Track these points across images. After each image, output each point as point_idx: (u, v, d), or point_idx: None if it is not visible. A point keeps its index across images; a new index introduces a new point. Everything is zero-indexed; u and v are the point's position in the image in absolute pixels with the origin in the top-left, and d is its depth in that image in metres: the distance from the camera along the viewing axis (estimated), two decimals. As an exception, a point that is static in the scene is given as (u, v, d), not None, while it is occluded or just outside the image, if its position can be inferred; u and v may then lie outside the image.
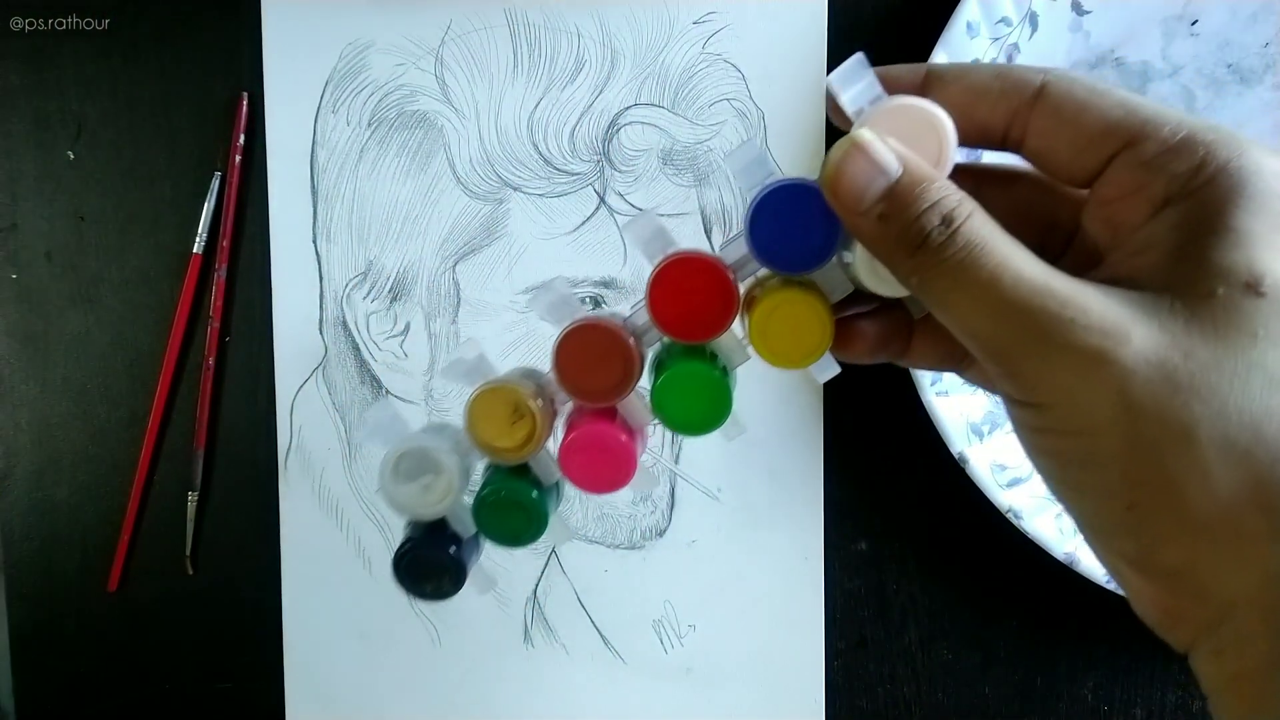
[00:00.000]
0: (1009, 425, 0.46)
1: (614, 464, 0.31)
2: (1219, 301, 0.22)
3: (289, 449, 0.50)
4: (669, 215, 0.47)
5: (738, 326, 0.30)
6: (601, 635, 0.50)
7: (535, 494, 0.31)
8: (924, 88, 0.27)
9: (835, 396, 0.48)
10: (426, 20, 0.48)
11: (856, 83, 0.26)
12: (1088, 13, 0.44)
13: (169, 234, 0.50)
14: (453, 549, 0.32)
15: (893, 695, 0.50)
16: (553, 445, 0.31)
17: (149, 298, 0.50)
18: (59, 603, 0.51)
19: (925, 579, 0.49)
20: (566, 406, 0.32)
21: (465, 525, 0.32)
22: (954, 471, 0.45)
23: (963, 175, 0.25)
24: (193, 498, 0.50)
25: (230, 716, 0.52)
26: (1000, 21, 0.44)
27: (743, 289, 0.29)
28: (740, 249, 0.29)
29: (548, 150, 0.47)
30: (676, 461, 0.49)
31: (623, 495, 0.49)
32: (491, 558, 0.50)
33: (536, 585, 0.50)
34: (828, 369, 0.30)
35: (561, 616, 0.50)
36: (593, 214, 0.48)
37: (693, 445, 0.49)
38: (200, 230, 0.49)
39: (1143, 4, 0.44)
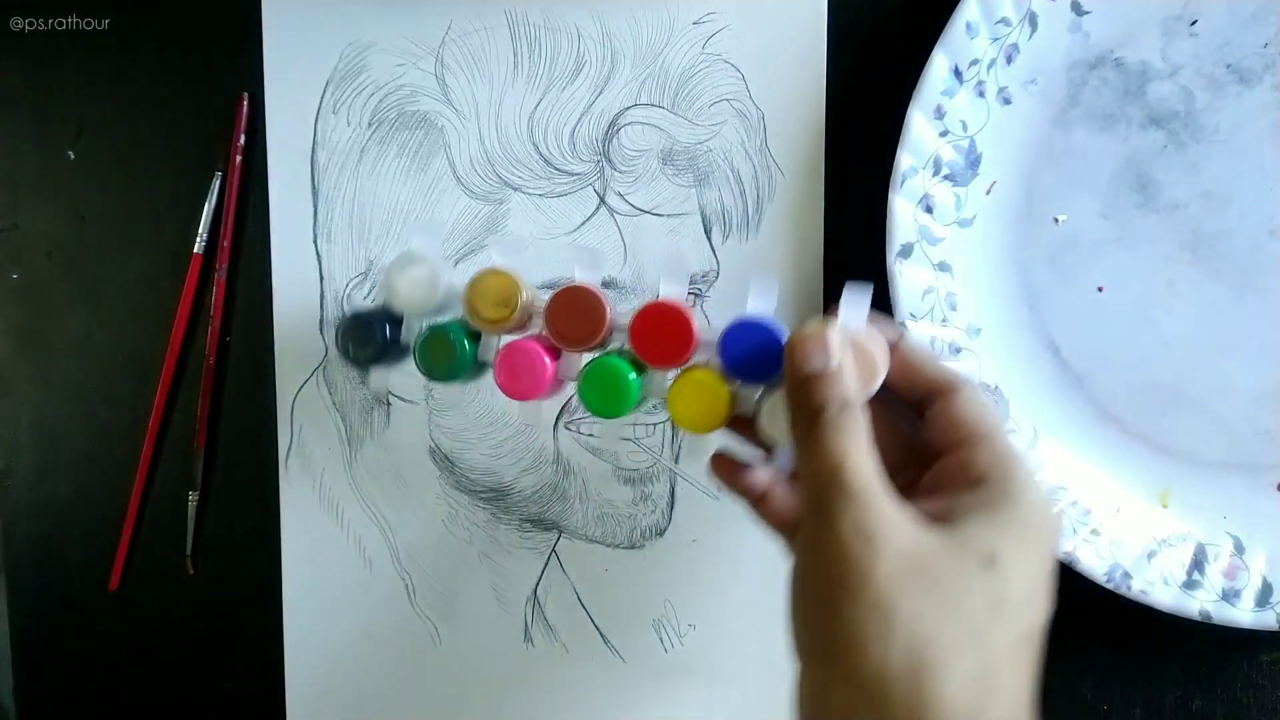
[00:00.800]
0: (1008, 425, 0.46)
1: (528, 378, 0.41)
2: (966, 554, 0.32)
3: (289, 449, 0.50)
4: (669, 215, 0.47)
5: (671, 377, 0.40)
6: (601, 635, 0.50)
7: (469, 350, 0.41)
8: (895, 347, 0.39)
9: (835, 396, 0.48)
10: (427, 21, 0.48)
11: (857, 310, 0.38)
12: (1087, 13, 0.44)
13: (169, 234, 0.50)
14: (388, 333, 0.42)
15: (892, 695, 0.50)
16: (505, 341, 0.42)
17: (149, 298, 0.50)
18: (59, 603, 0.52)
19: (925, 579, 0.49)
20: (538, 328, 0.41)
21: (409, 333, 0.42)
22: (954, 471, 0.45)
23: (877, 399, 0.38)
24: (193, 497, 0.50)
25: (230, 716, 0.52)
26: (1000, 22, 0.44)
27: (692, 361, 0.40)
28: (713, 336, 0.39)
29: (548, 150, 0.47)
30: (677, 461, 0.49)
31: (622, 495, 0.49)
32: (492, 557, 0.50)
33: (536, 585, 0.50)
34: (703, 453, 0.42)
35: (561, 616, 0.50)
36: (593, 214, 0.48)
37: (693, 445, 0.49)
38: (201, 230, 0.49)
39: (1142, 4, 0.44)
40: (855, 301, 0.38)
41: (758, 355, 0.38)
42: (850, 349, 0.36)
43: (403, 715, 0.51)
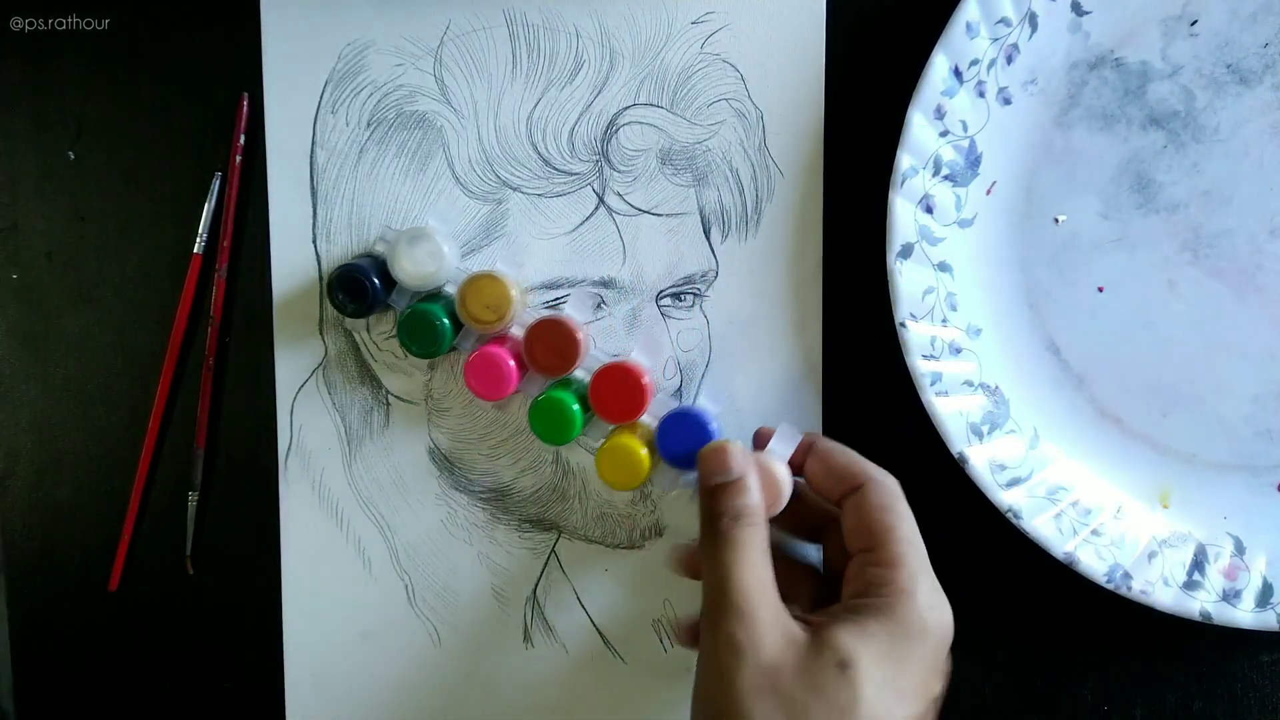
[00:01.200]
0: (1008, 426, 0.46)
1: (494, 384, 0.45)
2: (821, 663, 0.35)
3: (289, 449, 0.50)
4: (667, 215, 0.47)
5: (607, 429, 0.46)
6: (601, 635, 0.50)
7: (448, 336, 0.45)
8: (809, 452, 0.43)
9: (834, 396, 0.48)
10: (426, 21, 0.48)
11: (785, 445, 0.42)
12: (1087, 13, 0.44)
13: (169, 234, 0.50)
14: (378, 287, 0.46)
15: (892, 695, 0.49)
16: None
17: (149, 298, 0.50)
18: (59, 603, 0.52)
19: (925, 579, 0.49)
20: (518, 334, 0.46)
21: (399, 302, 0.47)
22: (953, 471, 0.45)
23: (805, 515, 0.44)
24: (193, 498, 0.50)
25: (230, 716, 0.52)
26: (1000, 22, 0.44)
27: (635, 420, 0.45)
28: (661, 410, 0.45)
29: (546, 150, 0.47)
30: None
31: (622, 495, 0.49)
32: (491, 558, 0.50)
33: (536, 585, 0.50)
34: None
35: (561, 616, 0.50)
36: (592, 214, 0.48)
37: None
38: (200, 230, 0.49)
39: (1142, 4, 0.44)
40: (786, 438, 0.42)
41: (688, 447, 0.43)
42: (758, 469, 0.40)
43: (403, 715, 0.51)
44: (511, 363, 0.45)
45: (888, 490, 0.40)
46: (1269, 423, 0.45)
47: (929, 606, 0.37)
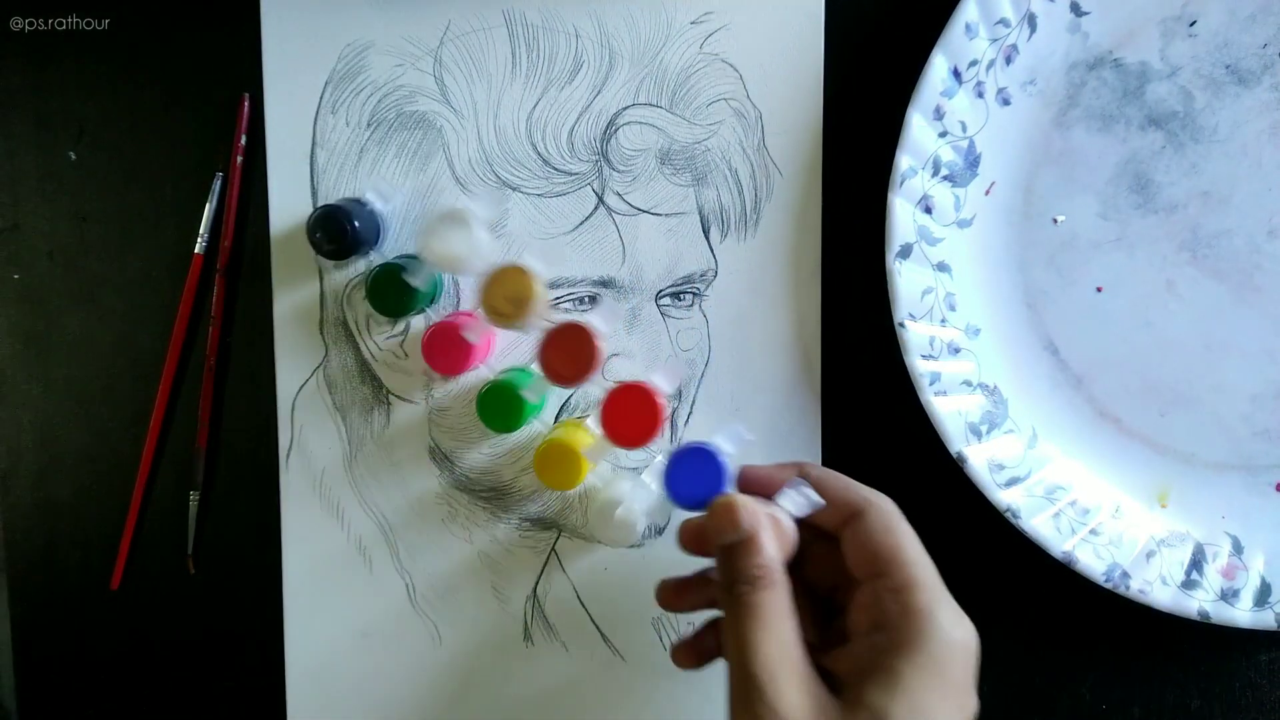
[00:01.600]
0: (1007, 425, 0.46)
1: (449, 360, 0.46)
2: None
3: (289, 449, 0.50)
4: (667, 215, 0.47)
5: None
6: (601, 633, 0.50)
7: (420, 301, 0.46)
8: (804, 474, 0.40)
9: (834, 396, 0.48)
10: (425, 21, 0.48)
11: (795, 503, 0.39)
12: (1086, 14, 0.44)
13: (170, 234, 0.50)
14: (356, 229, 0.45)
15: (891, 694, 0.50)
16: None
17: (150, 298, 0.50)
18: (61, 602, 0.52)
19: (924, 578, 0.49)
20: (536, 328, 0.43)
21: (417, 274, 0.45)
22: (952, 471, 0.45)
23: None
24: (194, 497, 0.50)
25: (230, 716, 0.52)
26: (999, 23, 0.44)
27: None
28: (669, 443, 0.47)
29: (546, 150, 0.47)
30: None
31: (623, 493, 0.49)
32: (492, 556, 0.50)
33: (536, 584, 0.50)
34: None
35: (561, 615, 0.50)
36: (591, 214, 0.48)
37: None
38: (201, 231, 0.49)
39: (1141, 4, 0.44)
40: (801, 500, 0.39)
41: (697, 491, 0.40)
42: (770, 520, 0.38)
43: (403, 715, 0.51)
44: (470, 337, 0.45)
45: (887, 512, 0.39)
46: (1267, 422, 0.45)
47: (952, 624, 0.36)
